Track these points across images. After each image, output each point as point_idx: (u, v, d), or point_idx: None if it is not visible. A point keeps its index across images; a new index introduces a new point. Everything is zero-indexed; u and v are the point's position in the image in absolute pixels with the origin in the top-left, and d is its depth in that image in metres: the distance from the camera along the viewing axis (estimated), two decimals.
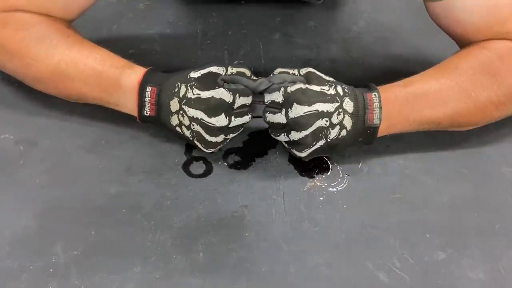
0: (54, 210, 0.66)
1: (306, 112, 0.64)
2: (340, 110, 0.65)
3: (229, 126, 0.67)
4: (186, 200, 0.67)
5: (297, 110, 0.64)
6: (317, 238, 0.64)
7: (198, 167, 0.71)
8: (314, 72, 0.68)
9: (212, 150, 0.69)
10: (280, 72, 0.69)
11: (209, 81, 0.66)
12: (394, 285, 0.60)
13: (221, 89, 0.65)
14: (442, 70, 0.71)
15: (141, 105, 0.68)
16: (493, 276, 0.62)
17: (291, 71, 0.69)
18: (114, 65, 0.70)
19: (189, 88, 0.65)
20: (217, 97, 0.65)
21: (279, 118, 0.66)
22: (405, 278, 0.61)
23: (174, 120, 0.67)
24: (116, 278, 0.60)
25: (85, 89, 0.70)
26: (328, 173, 0.71)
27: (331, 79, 0.68)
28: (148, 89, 0.67)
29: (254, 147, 0.74)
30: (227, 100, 0.65)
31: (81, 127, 0.74)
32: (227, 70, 0.68)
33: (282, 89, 0.65)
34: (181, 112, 0.66)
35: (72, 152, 0.72)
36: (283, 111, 0.66)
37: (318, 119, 0.64)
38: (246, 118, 0.68)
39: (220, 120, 0.65)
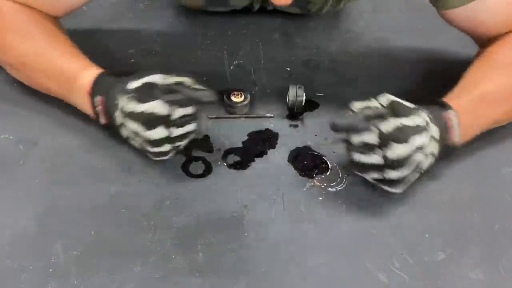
0: (54, 210, 0.66)
1: (408, 151, 0.60)
2: (430, 139, 0.62)
3: (172, 136, 0.64)
4: (186, 200, 0.67)
5: (398, 151, 0.59)
6: (317, 238, 0.64)
7: (197, 167, 0.71)
8: (396, 101, 0.63)
9: (165, 158, 0.67)
10: (364, 108, 0.63)
11: (146, 93, 0.63)
12: (394, 285, 0.60)
13: (156, 101, 0.62)
14: (490, 66, 0.71)
15: (96, 114, 0.68)
16: (493, 276, 0.62)
17: (371, 104, 0.63)
18: (72, 65, 0.70)
19: (125, 100, 0.63)
20: (150, 111, 0.62)
21: (376, 159, 0.61)
22: (405, 278, 0.61)
23: (123, 132, 0.66)
24: (116, 278, 0.60)
25: (48, 84, 0.71)
26: (328, 173, 0.71)
27: (413, 105, 0.63)
28: (97, 98, 0.67)
29: (254, 147, 0.74)
30: (163, 113, 0.62)
31: (81, 127, 0.74)
32: (168, 79, 0.64)
33: (376, 130, 0.60)
34: (124, 124, 0.65)
35: (72, 152, 0.72)
36: (379, 152, 0.60)
37: (417, 153, 0.61)
38: (190, 127, 0.65)
39: (158, 133, 0.63)
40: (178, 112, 0.63)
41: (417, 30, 0.95)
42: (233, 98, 0.78)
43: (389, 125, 0.60)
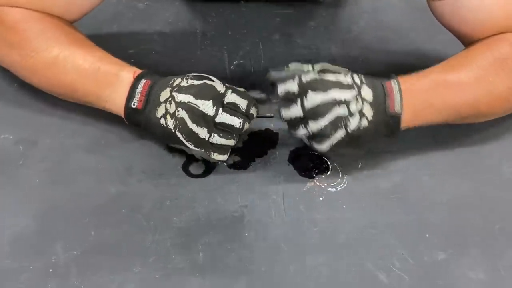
0: (54, 210, 0.66)
1: (322, 100, 0.63)
2: (358, 98, 0.64)
3: (215, 120, 0.65)
4: (186, 200, 0.67)
5: (313, 98, 0.63)
6: (317, 238, 0.64)
7: (198, 167, 0.71)
8: (328, 65, 0.68)
9: (194, 148, 0.65)
10: (296, 67, 0.68)
11: (206, 78, 0.67)
12: (394, 285, 0.60)
13: (216, 80, 0.66)
14: (459, 61, 0.71)
15: (130, 96, 0.67)
16: (493, 276, 0.62)
17: (305, 66, 0.68)
18: (113, 62, 0.71)
19: (184, 79, 0.66)
20: (209, 83, 0.65)
21: (295, 110, 0.65)
22: (405, 278, 0.61)
23: (160, 111, 0.66)
24: (116, 278, 0.60)
25: (79, 82, 0.70)
26: (328, 173, 0.71)
27: (347, 69, 0.68)
28: (143, 81, 0.68)
29: (254, 147, 0.74)
30: (218, 89, 0.65)
31: (81, 127, 0.74)
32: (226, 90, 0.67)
33: (297, 77, 0.64)
34: (170, 99, 0.65)
35: (72, 152, 0.72)
36: (299, 102, 0.64)
37: (335, 106, 0.63)
38: (236, 121, 0.65)
39: (207, 106, 0.64)
40: (232, 97, 0.66)
41: (417, 30, 0.95)
42: None
43: (309, 76, 0.64)
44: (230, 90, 0.66)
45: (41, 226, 0.64)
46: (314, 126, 0.64)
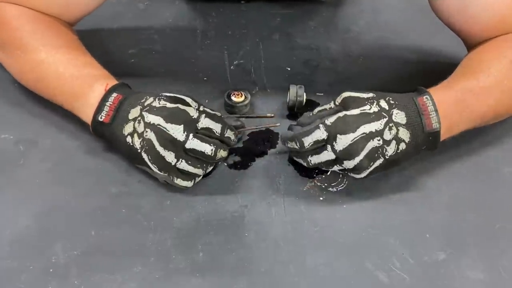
0: (54, 210, 0.66)
1: (353, 139, 0.61)
2: (391, 124, 0.62)
3: (185, 146, 0.62)
4: (186, 200, 0.67)
5: (343, 141, 0.61)
6: (317, 238, 0.64)
7: None
8: (350, 96, 0.65)
9: (157, 171, 0.63)
10: (318, 111, 0.67)
11: (180, 101, 0.64)
12: (394, 285, 0.60)
13: (191, 102, 0.64)
14: (476, 68, 0.70)
15: (98, 109, 0.66)
16: (493, 276, 0.62)
17: (327, 106, 0.67)
18: (93, 72, 0.70)
19: (157, 100, 0.64)
20: (182, 108, 0.63)
21: (327, 155, 0.63)
22: (405, 278, 0.61)
23: (128, 129, 0.64)
24: (116, 278, 0.60)
25: (58, 90, 0.71)
26: (328, 173, 0.71)
27: (371, 94, 0.64)
28: (114, 94, 0.66)
29: (254, 147, 0.74)
30: (191, 114, 0.63)
31: (81, 127, 0.74)
32: (199, 107, 0.65)
33: (321, 125, 0.62)
34: (139, 118, 0.63)
35: (72, 152, 0.72)
36: (329, 147, 0.63)
37: (368, 141, 0.61)
38: (207, 148, 0.62)
39: (177, 131, 0.61)
40: (206, 122, 0.63)
41: (417, 30, 0.95)
42: (233, 98, 0.78)
43: (333, 118, 0.63)
44: (203, 115, 0.63)
45: (41, 226, 0.64)
46: (350, 164, 0.63)
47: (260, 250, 0.63)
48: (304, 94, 0.77)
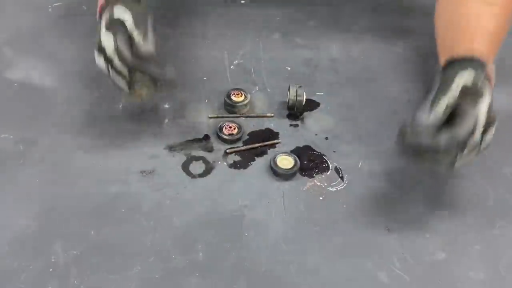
0: (54, 210, 0.66)
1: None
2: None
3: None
4: (186, 200, 0.67)
5: (491, 133, 0.64)
6: (317, 238, 0.64)
7: (198, 167, 0.71)
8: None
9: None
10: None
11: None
12: (394, 285, 0.60)
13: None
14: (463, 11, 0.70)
15: None
16: (493, 276, 0.62)
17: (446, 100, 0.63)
18: None
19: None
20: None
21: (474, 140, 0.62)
22: (405, 278, 0.61)
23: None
24: (116, 278, 0.60)
25: None
26: (328, 173, 0.71)
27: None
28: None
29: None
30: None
31: (81, 127, 0.74)
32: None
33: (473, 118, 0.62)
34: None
35: (72, 152, 0.72)
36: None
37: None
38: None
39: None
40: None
41: (417, 29, 0.95)
42: (233, 98, 0.78)
43: (484, 109, 0.62)
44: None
45: (41, 226, 0.64)
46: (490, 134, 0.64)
47: (260, 250, 0.63)
48: (304, 94, 0.77)
